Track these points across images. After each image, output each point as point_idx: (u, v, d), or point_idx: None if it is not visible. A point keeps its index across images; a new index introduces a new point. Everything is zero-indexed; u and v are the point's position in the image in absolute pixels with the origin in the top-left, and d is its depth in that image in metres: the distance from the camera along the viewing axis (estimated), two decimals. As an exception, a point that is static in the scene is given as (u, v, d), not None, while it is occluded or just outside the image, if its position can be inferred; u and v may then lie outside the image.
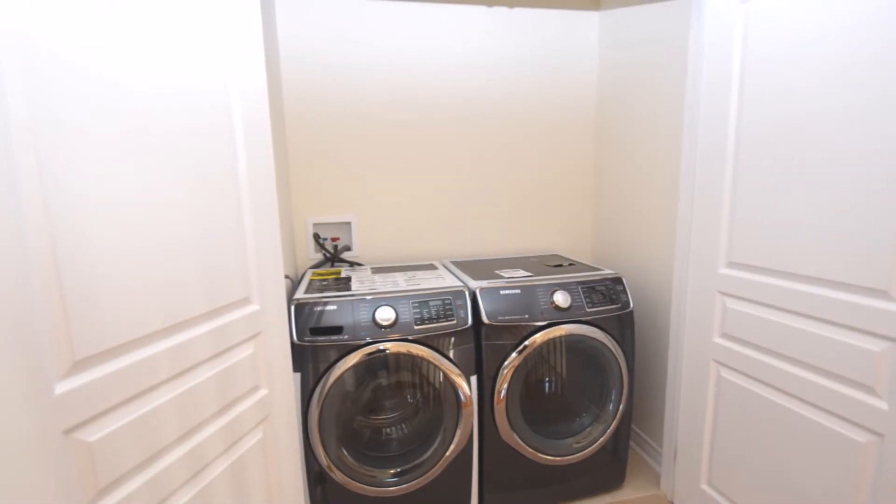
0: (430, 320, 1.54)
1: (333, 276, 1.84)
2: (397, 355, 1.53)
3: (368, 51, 2.02)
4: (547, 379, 1.79)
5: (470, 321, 1.58)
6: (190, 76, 0.92)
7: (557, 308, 1.64)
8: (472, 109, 2.16)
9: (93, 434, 0.77)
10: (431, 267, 2.01)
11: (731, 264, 1.46)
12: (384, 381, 1.69)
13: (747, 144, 1.38)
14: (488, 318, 1.59)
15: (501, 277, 1.75)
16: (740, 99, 1.39)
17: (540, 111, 2.24)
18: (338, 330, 1.48)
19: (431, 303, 1.57)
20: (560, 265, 1.96)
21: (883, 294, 1.06)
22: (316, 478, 1.54)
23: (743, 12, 1.36)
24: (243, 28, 1.05)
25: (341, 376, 1.47)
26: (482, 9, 2.10)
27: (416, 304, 1.55)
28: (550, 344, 1.70)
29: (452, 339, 1.56)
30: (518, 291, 1.66)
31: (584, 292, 1.70)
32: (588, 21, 2.22)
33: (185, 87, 0.91)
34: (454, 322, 1.56)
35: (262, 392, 1.16)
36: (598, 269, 1.85)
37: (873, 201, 1.07)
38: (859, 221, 1.10)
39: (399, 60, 2.05)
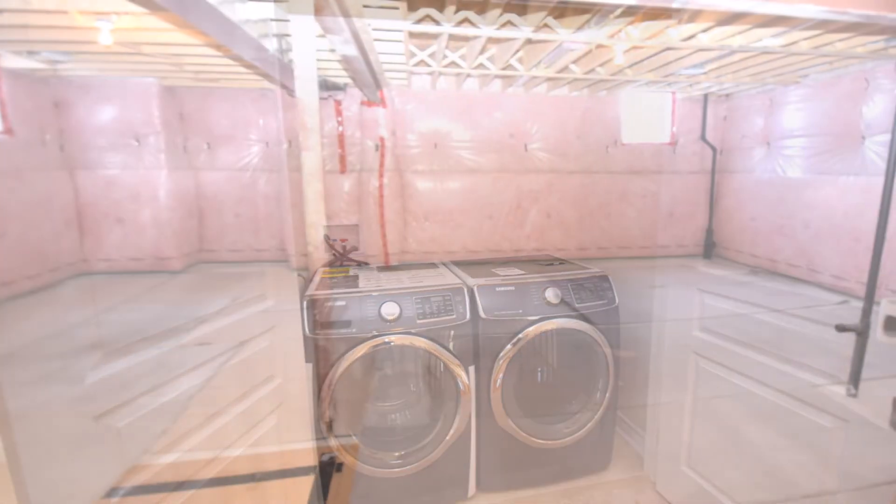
0: (432, 315, 1.54)
1: (342, 275, 1.84)
2: (401, 347, 1.53)
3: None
4: (539, 369, 1.79)
5: (468, 316, 1.58)
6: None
7: (549, 304, 1.64)
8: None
9: (121, 420, 0.77)
10: (433, 266, 2.01)
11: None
12: (389, 371, 1.69)
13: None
14: (485, 313, 1.59)
15: (497, 276, 1.75)
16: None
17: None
18: (346, 324, 1.48)
19: (433, 299, 1.57)
20: (551, 264, 1.96)
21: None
22: (327, 460, 1.54)
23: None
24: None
25: (350, 366, 1.47)
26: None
27: (419, 301, 1.55)
28: (542, 337, 1.69)
29: (452, 333, 1.56)
30: (512, 288, 1.65)
31: (573, 289, 1.69)
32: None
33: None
34: (454, 317, 1.56)
35: (277, 381, 1.16)
36: (587, 268, 1.85)
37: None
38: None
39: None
